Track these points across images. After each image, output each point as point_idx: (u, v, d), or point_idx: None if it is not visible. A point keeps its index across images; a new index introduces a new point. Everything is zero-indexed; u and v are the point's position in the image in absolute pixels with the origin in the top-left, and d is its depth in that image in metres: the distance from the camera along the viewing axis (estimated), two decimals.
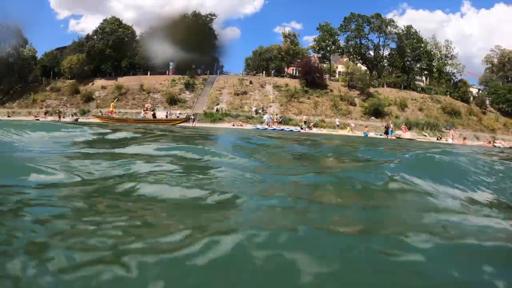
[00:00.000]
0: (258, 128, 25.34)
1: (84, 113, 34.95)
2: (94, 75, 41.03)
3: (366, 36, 42.50)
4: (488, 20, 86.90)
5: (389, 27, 42.20)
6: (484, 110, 39.63)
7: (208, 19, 42.42)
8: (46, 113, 35.08)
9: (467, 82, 42.50)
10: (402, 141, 18.23)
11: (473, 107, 39.39)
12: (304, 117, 30.18)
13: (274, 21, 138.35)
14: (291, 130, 25.36)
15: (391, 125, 28.22)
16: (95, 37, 41.87)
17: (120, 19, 42.55)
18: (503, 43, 55.46)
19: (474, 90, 44.91)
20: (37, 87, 41.48)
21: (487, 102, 40.94)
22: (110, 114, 25.72)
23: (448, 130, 32.51)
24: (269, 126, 27.75)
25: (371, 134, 27.49)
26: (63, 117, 31.91)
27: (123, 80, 38.96)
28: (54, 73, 43.30)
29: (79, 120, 29.56)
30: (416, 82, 43.46)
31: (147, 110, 32.32)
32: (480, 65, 70.19)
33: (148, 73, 40.39)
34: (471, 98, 41.36)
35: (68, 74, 40.84)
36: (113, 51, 40.75)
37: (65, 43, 53.37)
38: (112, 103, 27.93)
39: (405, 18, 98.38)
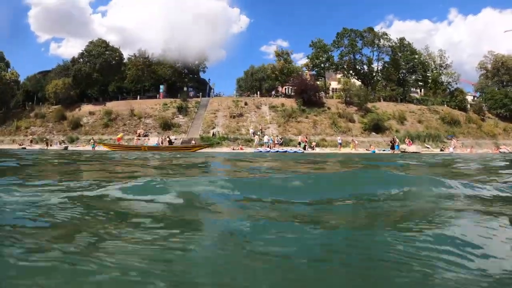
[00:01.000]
0: (261, 151, 24.09)
1: (72, 140, 33.06)
2: (80, 100, 39.17)
3: (359, 50, 42.00)
4: (476, 26, 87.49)
5: (382, 40, 41.83)
6: (482, 117, 39.41)
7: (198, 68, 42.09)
8: (31, 141, 33.11)
9: (463, 91, 42.31)
10: (415, 155, 17.51)
11: (472, 114, 39.11)
12: (300, 138, 29.09)
13: (261, 40, 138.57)
14: (295, 152, 24.38)
15: (397, 140, 27.47)
16: (81, 60, 40.11)
17: (107, 41, 40.97)
18: (492, 47, 55.36)
19: (469, 98, 44.76)
20: (20, 113, 39.50)
21: (485, 108, 40.72)
22: (117, 142, 26.06)
23: (449, 140, 31.96)
24: (270, 148, 26.62)
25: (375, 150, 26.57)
26: (51, 145, 30.22)
27: (111, 105, 37.13)
28: (38, 98, 41.23)
29: (69, 148, 27.98)
30: (411, 94, 43.02)
31: (139, 136, 31.09)
32: (472, 72, 71.12)
33: (138, 97, 38.79)
34: (468, 106, 41.09)
35: (53, 99, 38.80)
36: (100, 75, 39.02)
37: (46, 67, 51.50)
38: (122, 134, 29.59)
39: (392, 30, 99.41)
